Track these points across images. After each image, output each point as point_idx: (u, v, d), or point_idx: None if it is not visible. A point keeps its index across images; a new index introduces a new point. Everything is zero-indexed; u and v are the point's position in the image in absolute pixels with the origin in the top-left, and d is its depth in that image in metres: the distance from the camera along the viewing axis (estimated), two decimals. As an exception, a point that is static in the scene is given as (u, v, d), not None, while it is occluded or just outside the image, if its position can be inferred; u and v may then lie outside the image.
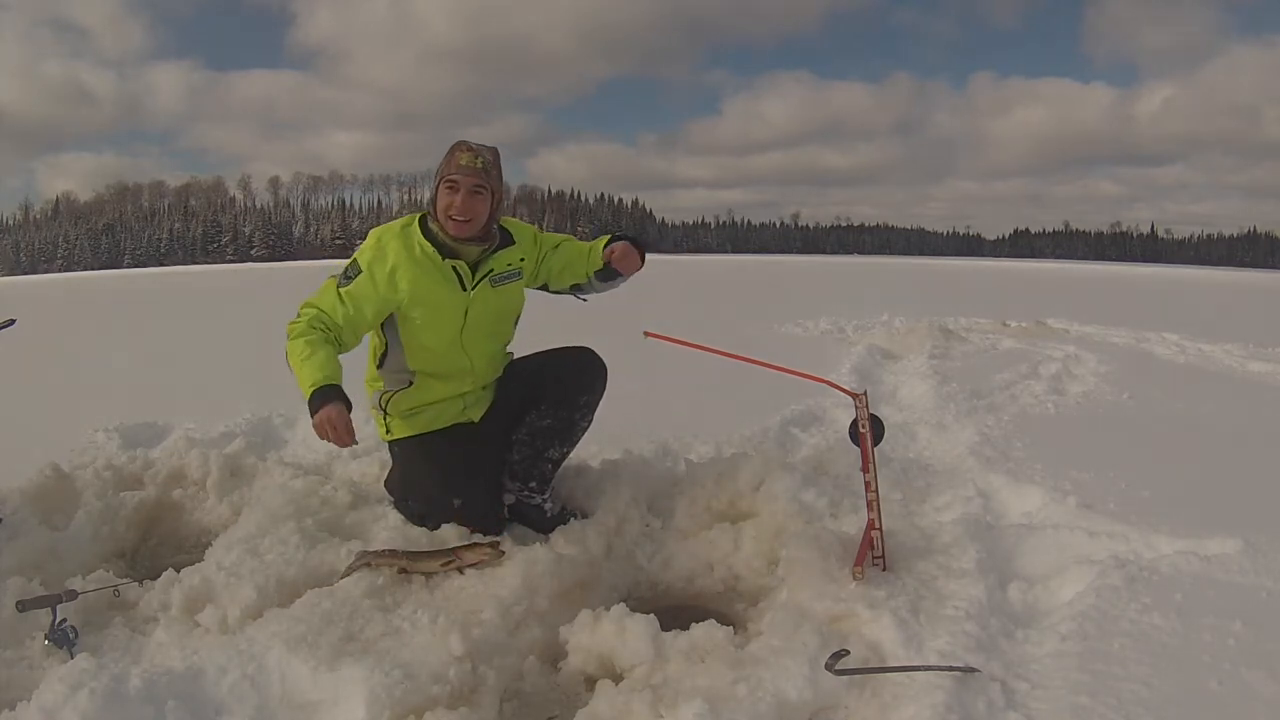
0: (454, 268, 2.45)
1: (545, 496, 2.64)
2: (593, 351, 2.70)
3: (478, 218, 2.41)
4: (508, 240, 2.58)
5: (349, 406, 2.21)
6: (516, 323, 2.74)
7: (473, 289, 2.49)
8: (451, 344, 2.52)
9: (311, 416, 2.19)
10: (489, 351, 2.64)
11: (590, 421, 2.71)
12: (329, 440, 2.17)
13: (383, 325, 2.50)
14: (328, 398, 2.18)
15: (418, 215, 2.52)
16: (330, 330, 2.37)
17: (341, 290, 2.41)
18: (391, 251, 2.43)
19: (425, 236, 2.45)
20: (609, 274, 2.67)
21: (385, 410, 2.59)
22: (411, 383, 2.56)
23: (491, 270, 2.52)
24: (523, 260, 2.62)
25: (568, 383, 2.65)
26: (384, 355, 2.55)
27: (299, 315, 2.40)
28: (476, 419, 2.64)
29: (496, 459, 2.63)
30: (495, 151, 2.47)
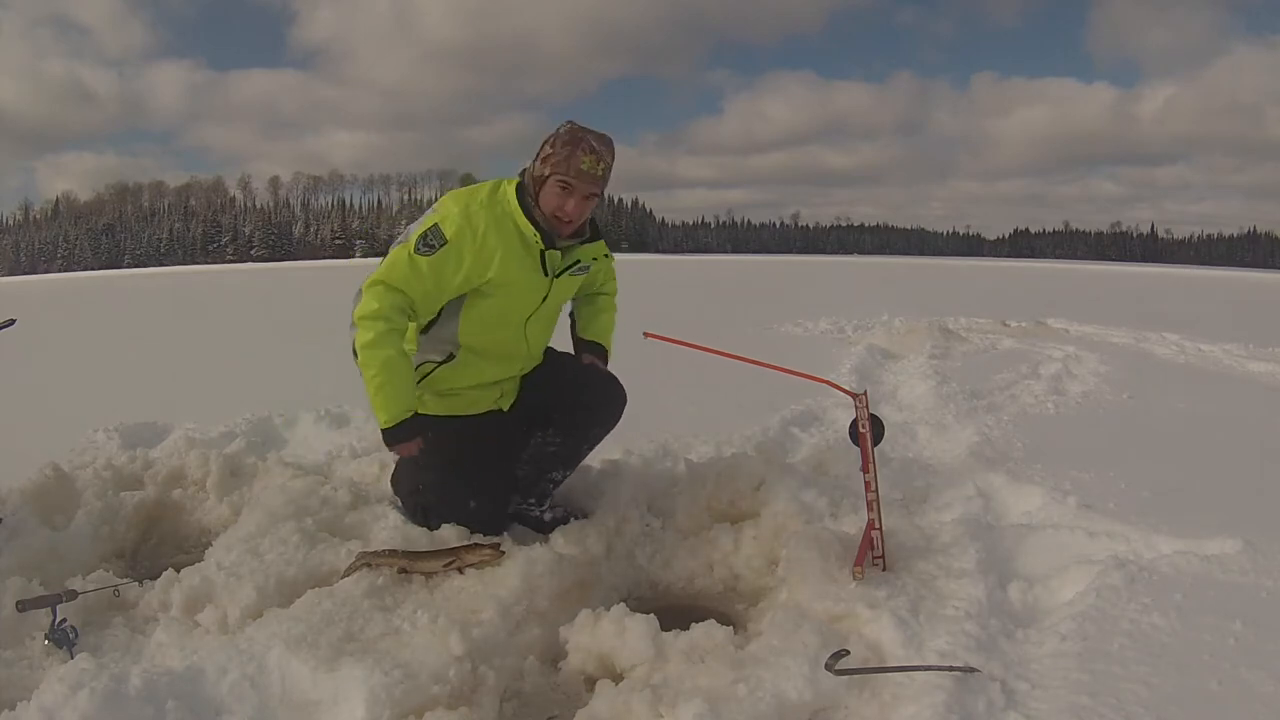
0: (544, 254, 2.32)
1: (544, 508, 2.64)
2: (617, 384, 2.61)
3: (585, 218, 2.34)
4: (595, 234, 2.48)
5: (424, 431, 2.33)
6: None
7: (555, 277, 2.38)
8: (516, 328, 2.42)
9: (388, 444, 2.32)
10: (544, 338, 2.56)
11: (595, 448, 2.70)
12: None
13: None
14: (402, 436, 2.29)
15: (508, 185, 2.32)
16: (404, 316, 2.27)
17: (420, 259, 2.22)
18: (482, 224, 2.25)
19: (525, 214, 2.28)
20: (583, 346, 2.69)
21: (418, 381, 2.43)
22: (453, 356, 2.42)
23: (578, 261, 2.43)
24: (594, 260, 2.53)
25: (583, 414, 2.58)
26: (432, 322, 2.40)
27: (364, 297, 2.26)
28: (506, 408, 2.56)
29: (513, 460, 2.58)
30: (612, 149, 2.32)
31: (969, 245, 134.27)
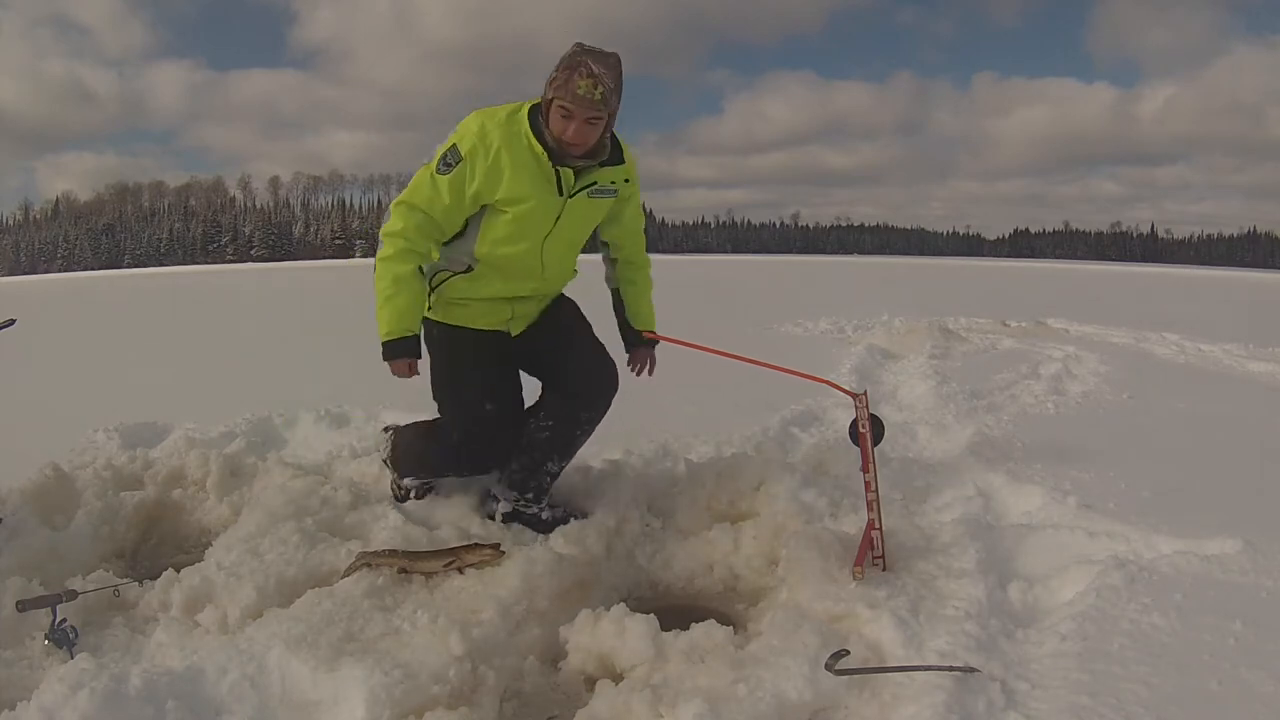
0: (557, 171, 2.33)
1: (542, 506, 2.64)
2: (610, 371, 2.63)
3: (591, 142, 2.32)
4: (617, 157, 2.45)
5: (419, 356, 2.40)
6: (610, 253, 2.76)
7: (570, 197, 2.39)
8: (531, 246, 2.44)
9: (385, 357, 2.37)
10: (563, 260, 2.56)
11: (590, 435, 2.69)
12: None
13: None
14: (397, 352, 2.35)
15: (525, 105, 2.36)
16: (425, 238, 2.36)
17: (440, 178, 2.31)
18: (496, 140, 2.29)
19: (535, 133, 2.30)
20: (634, 336, 2.79)
21: (433, 287, 2.50)
22: (471, 268, 2.47)
23: (595, 183, 2.42)
24: (627, 182, 2.52)
25: (572, 399, 2.61)
26: (456, 236, 2.45)
27: (391, 216, 2.36)
28: (515, 334, 2.59)
29: (519, 384, 2.63)
30: (618, 68, 2.27)
31: (969, 245, 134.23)
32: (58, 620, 1.99)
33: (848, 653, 1.79)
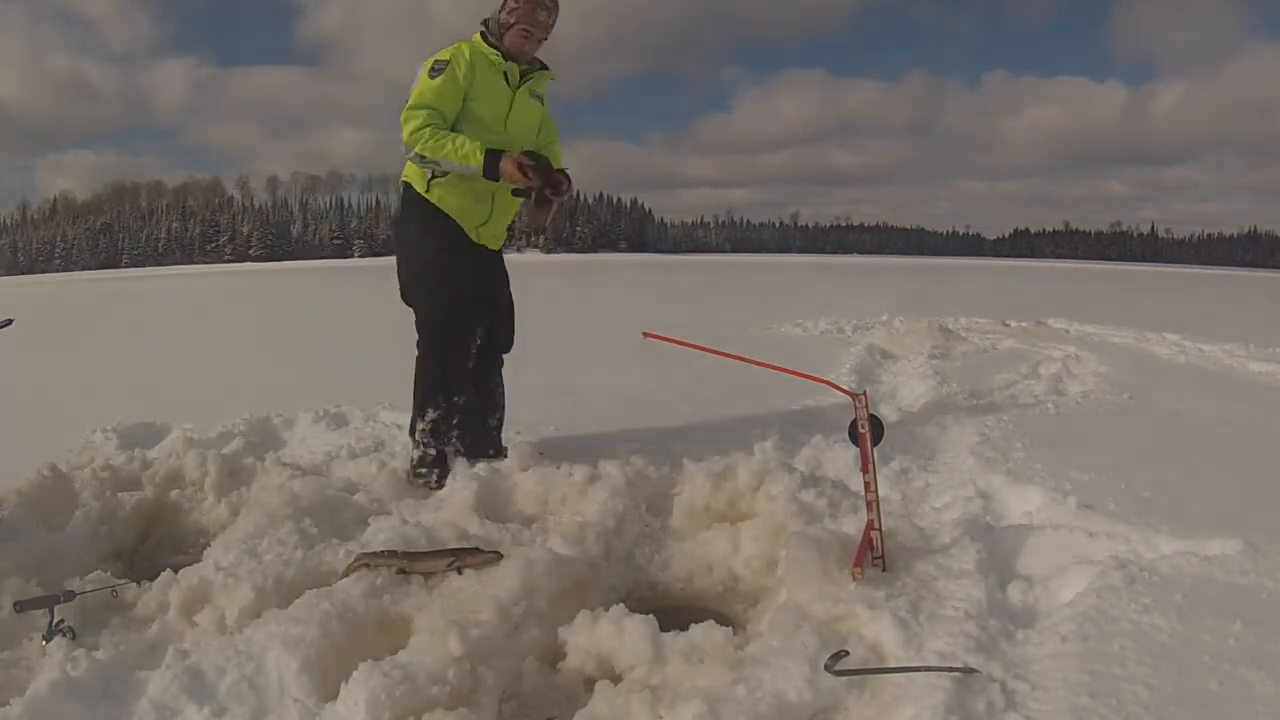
0: (506, 71, 3.09)
1: (504, 446, 3.28)
2: (503, 341, 3.35)
3: (534, 52, 3.17)
4: (540, 65, 3.24)
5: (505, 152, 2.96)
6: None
7: (516, 89, 3.14)
8: (500, 138, 3.05)
9: (489, 174, 2.94)
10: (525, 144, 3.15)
11: (503, 383, 3.40)
12: (525, 177, 2.92)
13: None
14: (496, 161, 2.92)
15: (477, 33, 3.13)
16: (440, 119, 2.99)
17: (436, 80, 2.98)
18: (467, 51, 3.04)
19: (489, 45, 3.08)
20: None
21: (430, 180, 3.12)
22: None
23: (532, 84, 3.19)
24: (543, 101, 3.27)
25: (479, 367, 3.27)
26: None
27: (406, 123, 2.97)
28: (494, 248, 3.28)
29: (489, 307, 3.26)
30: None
31: (969, 245, 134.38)
32: (55, 621, 1.98)
33: (847, 653, 1.79)
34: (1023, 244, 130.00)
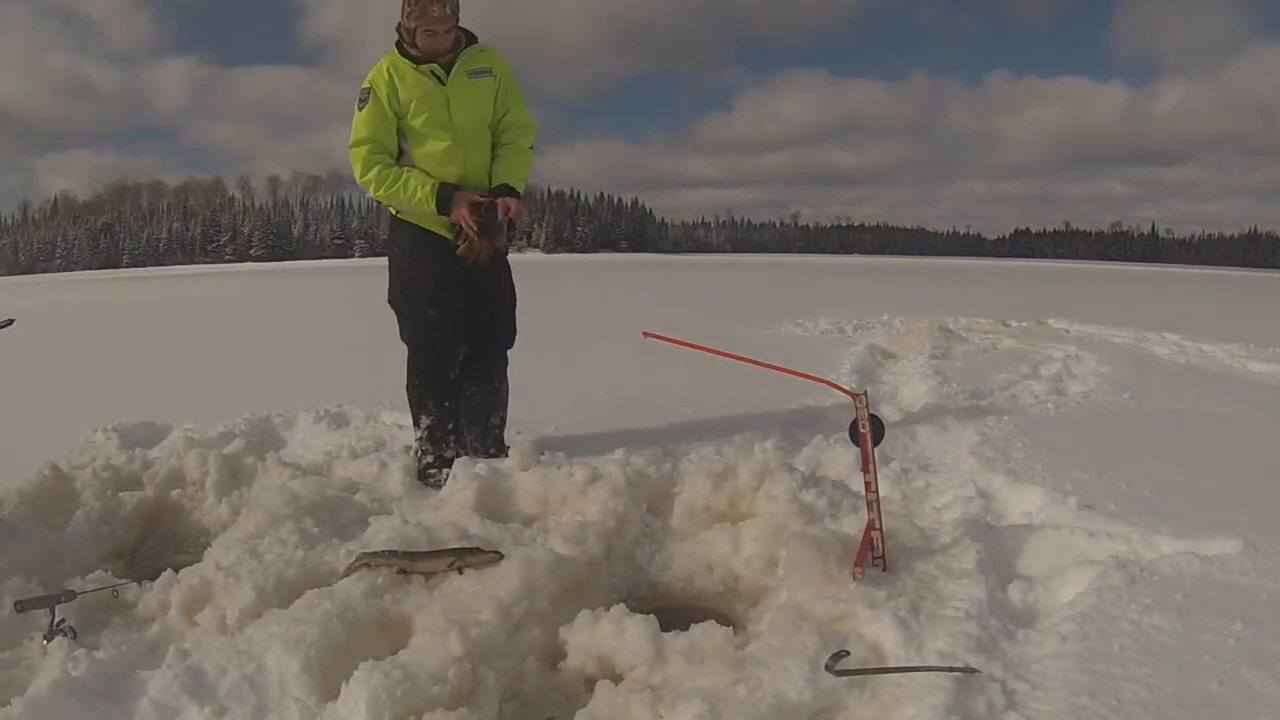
0: (431, 70, 3.08)
1: (506, 445, 3.26)
2: (504, 335, 3.37)
3: (449, 44, 3.08)
4: (472, 39, 3.18)
5: (455, 191, 3.05)
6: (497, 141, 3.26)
7: (450, 80, 3.10)
8: (448, 144, 3.10)
9: (441, 211, 3.03)
10: (480, 159, 3.20)
11: (507, 381, 3.41)
12: (467, 225, 3.01)
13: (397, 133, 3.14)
14: (447, 195, 3.01)
15: (393, 50, 3.12)
16: (385, 153, 3.07)
17: (364, 110, 3.06)
18: (385, 70, 3.09)
19: (404, 55, 3.09)
20: (500, 188, 3.17)
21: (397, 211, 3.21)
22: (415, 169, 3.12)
23: (464, 64, 3.13)
24: (492, 71, 3.19)
25: (482, 364, 3.32)
26: (398, 156, 3.15)
27: (354, 164, 3.07)
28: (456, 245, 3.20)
29: (467, 303, 3.24)
30: None
31: (969, 245, 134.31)
32: (56, 621, 1.98)
33: (848, 653, 1.79)
34: (1023, 244, 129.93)
